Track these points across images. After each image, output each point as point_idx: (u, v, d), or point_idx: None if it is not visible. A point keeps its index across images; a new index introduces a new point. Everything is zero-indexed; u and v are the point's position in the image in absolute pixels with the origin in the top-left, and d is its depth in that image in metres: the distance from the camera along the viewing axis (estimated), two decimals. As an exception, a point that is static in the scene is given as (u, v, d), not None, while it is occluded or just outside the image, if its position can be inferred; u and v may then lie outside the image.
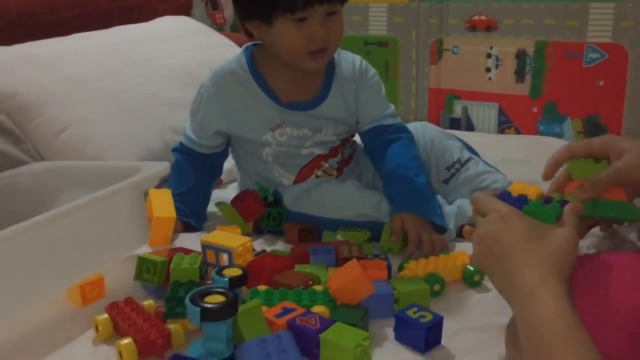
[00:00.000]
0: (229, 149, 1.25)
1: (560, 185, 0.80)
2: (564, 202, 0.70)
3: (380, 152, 1.19)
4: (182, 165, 1.20)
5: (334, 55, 1.18)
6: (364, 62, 1.22)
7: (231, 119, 1.16)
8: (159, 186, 1.09)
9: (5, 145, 1.22)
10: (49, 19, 1.60)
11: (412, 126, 1.28)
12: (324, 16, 1.05)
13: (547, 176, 0.82)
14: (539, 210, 0.68)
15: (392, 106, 1.24)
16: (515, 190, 0.75)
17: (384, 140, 1.19)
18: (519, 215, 0.67)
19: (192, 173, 1.19)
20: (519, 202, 0.70)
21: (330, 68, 1.18)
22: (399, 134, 1.20)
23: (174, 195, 1.11)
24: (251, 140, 1.18)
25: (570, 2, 1.71)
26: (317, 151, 1.19)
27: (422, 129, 1.28)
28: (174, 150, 1.23)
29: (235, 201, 1.19)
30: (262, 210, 1.15)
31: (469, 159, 1.24)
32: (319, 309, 0.82)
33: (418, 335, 0.78)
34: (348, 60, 1.21)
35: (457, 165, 1.23)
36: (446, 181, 1.23)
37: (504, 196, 0.72)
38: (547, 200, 0.71)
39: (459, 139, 1.29)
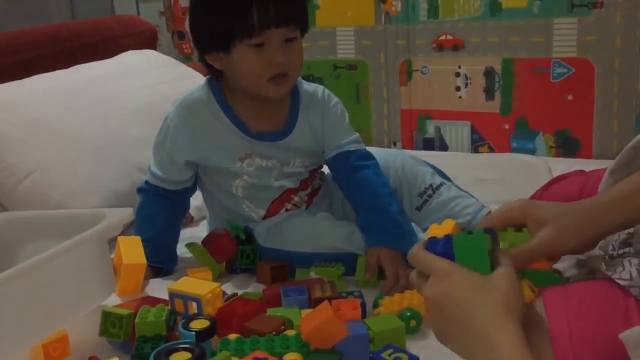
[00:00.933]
0: (197, 186, 1.23)
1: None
2: (488, 230, 0.70)
3: (348, 179, 1.18)
4: (148, 207, 1.17)
5: (298, 86, 1.18)
6: (327, 91, 1.23)
7: (200, 147, 1.14)
8: (123, 232, 1.06)
9: (-36, 198, 1.19)
10: (9, 61, 1.56)
11: (382, 152, 1.28)
12: (282, 42, 1.06)
13: None
14: (466, 239, 0.66)
15: (356, 134, 1.24)
16: (438, 230, 0.72)
17: (351, 166, 1.18)
18: (459, 268, 0.64)
19: (160, 215, 1.16)
20: (447, 243, 0.68)
21: (295, 98, 1.18)
22: (364, 160, 1.19)
23: (143, 241, 1.08)
24: (222, 171, 1.16)
25: (534, 18, 1.72)
26: (288, 184, 1.18)
27: (392, 156, 1.27)
28: (139, 190, 1.19)
29: (206, 241, 1.16)
30: (235, 250, 1.13)
31: (440, 184, 1.23)
32: (291, 356, 0.79)
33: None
34: (311, 89, 1.21)
35: (430, 192, 1.22)
36: (419, 208, 1.22)
37: (432, 243, 0.69)
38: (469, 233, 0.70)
39: (429, 165, 1.28)
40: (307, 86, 1.21)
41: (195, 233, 1.31)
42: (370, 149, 1.65)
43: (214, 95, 1.14)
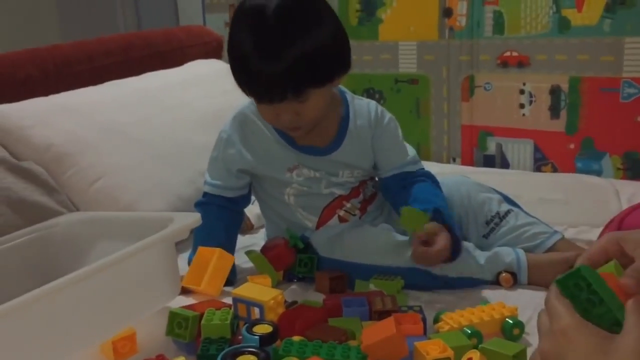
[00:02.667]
0: (252, 195, 1.25)
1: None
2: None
3: (402, 191, 1.17)
4: (208, 219, 1.13)
5: (348, 100, 1.18)
6: (380, 108, 1.22)
7: (251, 158, 1.16)
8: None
9: (42, 197, 1.24)
10: (84, 68, 1.63)
11: (448, 180, 1.26)
12: (293, 103, 1.05)
13: None
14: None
15: (413, 151, 1.23)
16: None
17: (408, 182, 1.18)
18: (582, 326, 0.56)
19: (220, 225, 1.18)
20: None
21: (345, 116, 1.18)
22: (423, 177, 1.19)
23: None
24: (272, 180, 1.18)
25: (604, 37, 1.68)
26: (338, 191, 1.19)
27: (457, 184, 1.25)
28: (197, 204, 1.21)
29: (265, 249, 1.18)
30: (293, 259, 1.14)
31: (508, 212, 1.20)
32: (351, 366, 0.80)
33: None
34: (363, 107, 1.20)
35: (497, 220, 1.20)
36: (486, 236, 1.20)
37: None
38: None
39: (496, 191, 1.26)
40: (359, 101, 1.21)
41: (255, 240, 1.33)
42: (432, 166, 1.65)
43: None
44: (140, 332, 0.93)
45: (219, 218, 1.18)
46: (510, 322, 0.91)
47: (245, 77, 1.06)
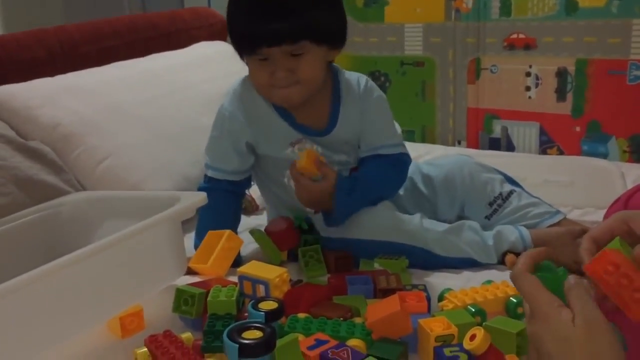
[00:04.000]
0: (252, 179, 1.25)
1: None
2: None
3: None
4: (214, 204, 1.11)
5: (338, 76, 1.17)
6: (370, 83, 1.20)
7: (255, 130, 1.15)
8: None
9: (49, 177, 1.25)
10: (90, 49, 1.63)
11: (450, 161, 1.26)
12: (287, 56, 1.06)
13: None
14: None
15: (397, 134, 1.21)
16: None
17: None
18: (557, 312, 0.60)
19: (229, 213, 1.18)
20: None
21: (336, 92, 1.17)
22: (392, 162, 1.18)
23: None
24: (273, 160, 1.17)
25: (611, 18, 1.67)
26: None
27: (459, 165, 1.25)
28: (200, 190, 1.18)
29: (270, 229, 1.18)
30: (297, 240, 1.14)
31: (511, 192, 1.20)
32: (354, 342, 0.81)
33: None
34: (352, 80, 1.19)
35: (499, 201, 1.20)
36: (488, 217, 1.20)
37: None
38: None
39: (499, 172, 1.25)
40: (348, 75, 1.19)
41: (259, 222, 1.34)
42: (437, 148, 1.65)
43: None
44: (147, 309, 0.94)
45: (226, 204, 1.18)
46: (514, 300, 0.92)
47: (243, 21, 1.06)
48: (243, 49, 1.09)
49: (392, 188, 1.20)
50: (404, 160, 1.20)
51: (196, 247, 1.13)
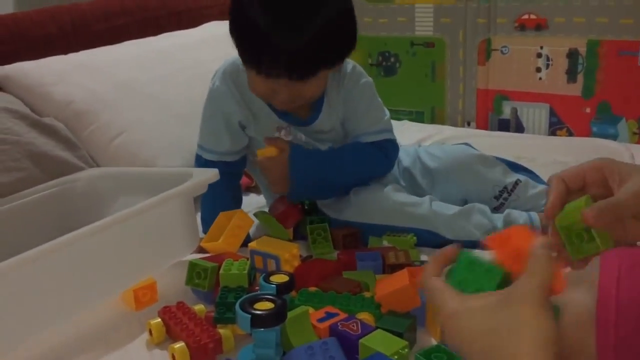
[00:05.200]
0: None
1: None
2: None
3: None
4: (216, 192, 1.10)
5: None
6: (357, 68, 1.17)
7: (246, 111, 1.14)
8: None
9: (63, 152, 1.27)
10: (102, 27, 1.64)
11: (449, 155, 1.23)
12: (293, 82, 1.00)
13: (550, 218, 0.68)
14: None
15: (384, 119, 1.19)
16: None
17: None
18: (466, 309, 0.56)
19: (229, 197, 1.18)
20: None
21: None
22: (373, 148, 1.17)
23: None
24: (260, 141, 1.15)
25: (624, -1, 1.66)
26: None
27: (460, 160, 1.21)
28: None
29: (273, 209, 1.19)
30: (300, 215, 1.15)
31: (516, 184, 1.19)
32: (363, 315, 0.82)
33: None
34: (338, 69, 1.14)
35: (505, 194, 1.18)
36: (496, 209, 1.18)
37: None
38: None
39: (500, 159, 1.23)
40: None
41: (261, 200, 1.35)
42: (446, 129, 1.62)
43: None
44: (160, 282, 0.96)
45: (227, 188, 1.17)
46: None
47: (261, 52, 0.98)
48: (252, 65, 1.02)
49: (369, 171, 1.17)
50: (385, 146, 1.19)
51: (204, 232, 1.13)
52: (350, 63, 1.17)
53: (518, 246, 0.59)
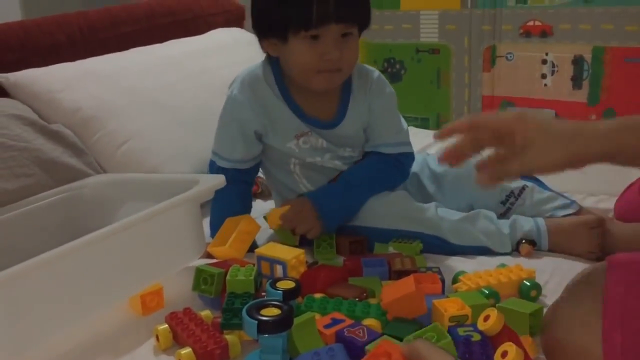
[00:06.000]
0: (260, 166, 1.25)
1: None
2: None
3: None
4: (227, 198, 1.15)
5: (353, 70, 1.15)
6: (382, 77, 1.20)
7: (263, 120, 1.15)
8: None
9: (71, 159, 1.28)
10: (109, 34, 1.65)
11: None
12: (338, 37, 1.05)
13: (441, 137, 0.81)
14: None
15: (403, 130, 1.21)
16: None
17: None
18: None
19: (237, 202, 1.18)
20: None
21: (347, 85, 1.16)
22: (390, 160, 1.18)
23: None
24: (277, 149, 1.17)
25: (629, 5, 1.66)
26: (342, 166, 1.19)
27: (466, 167, 1.22)
28: None
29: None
30: None
31: (523, 189, 1.19)
32: (369, 321, 0.83)
33: (467, 351, 0.77)
34: (365, 73, 1.18)
35: (512, 199, 1.19)
36: (503, 215, 1.19)
37: None
38: None
39: None
40: (362, 68, 1.19)
41: (274, 206, 1.35)
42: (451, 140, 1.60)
43: (273, 74, 1.15)
44: (167, 288, 0.96)
45: (235, 194, 1.17)
46: (528, 284, 0.93)
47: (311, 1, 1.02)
48: (300, 23, 1.03)
49: (385, 187, 1.18)
50: (401, 161, 1.20)
51: (212, 235, 1.13)
52: (375, 71, 1.20)
53: None
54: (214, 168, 1.19)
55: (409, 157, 1.22)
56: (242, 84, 1.16)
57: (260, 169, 1.25)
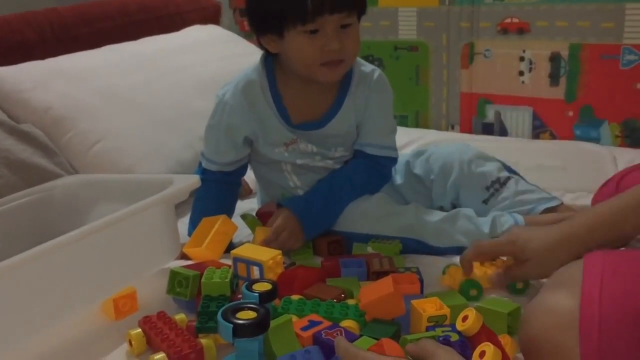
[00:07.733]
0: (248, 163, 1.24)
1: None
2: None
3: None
4: (209, 200, 1.16)
5: (353, 66, 1.15)
6: (384, 77, 1.19)
7: (254, 127, 1.14)
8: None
9: (41, 160, 1.25)
10: (82, 32, 1.62)
11: (451, 148, 1.26)
12: (337, 28, 1.04)
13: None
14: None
15: (392, 134, 1.20)
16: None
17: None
18: None
19: (222, 205, 1.17)
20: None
21: (347, 80, 1.15)
22: (375, 164, 1.18)
23: None
24: (267, 157, 1.17)
25: (605, 3, 1.67)
26: (333, 165, 1.19)
27: (459, 151, 1.24)
28: None
29: (261, 213, 1.18)
30: None
31: (508, 178, 1.20)
32: (347, 323, 0.81)
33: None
34: (367, 71, 1.17)
35: (496, 185, 1.19)
36: (485, 201, 1.20)
37: None
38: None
39: (498, 160, 1.25)
40: (364, 67, 1.18)
41: (252, 205, 1.34)
42: (430, 133, 1.63)
43: (267, 79, 1.13)
44: (140, 291, 0.94)
45: (220, 196, 1.17)
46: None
47: None
48: (296, 18, 1.02)
49: (366, 191, 1.17)
50: (384, 164, 1.20)
51: (190, 233, 1.13)
52: (377, 70, 1.19)
53: None
54: (200, 169, 1.19)
55: (393, 161, 1.22)
56: (235, 89, 1.14)
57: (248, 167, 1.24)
